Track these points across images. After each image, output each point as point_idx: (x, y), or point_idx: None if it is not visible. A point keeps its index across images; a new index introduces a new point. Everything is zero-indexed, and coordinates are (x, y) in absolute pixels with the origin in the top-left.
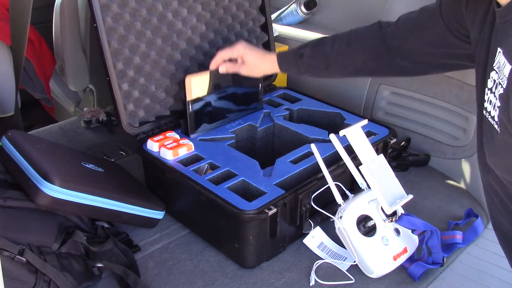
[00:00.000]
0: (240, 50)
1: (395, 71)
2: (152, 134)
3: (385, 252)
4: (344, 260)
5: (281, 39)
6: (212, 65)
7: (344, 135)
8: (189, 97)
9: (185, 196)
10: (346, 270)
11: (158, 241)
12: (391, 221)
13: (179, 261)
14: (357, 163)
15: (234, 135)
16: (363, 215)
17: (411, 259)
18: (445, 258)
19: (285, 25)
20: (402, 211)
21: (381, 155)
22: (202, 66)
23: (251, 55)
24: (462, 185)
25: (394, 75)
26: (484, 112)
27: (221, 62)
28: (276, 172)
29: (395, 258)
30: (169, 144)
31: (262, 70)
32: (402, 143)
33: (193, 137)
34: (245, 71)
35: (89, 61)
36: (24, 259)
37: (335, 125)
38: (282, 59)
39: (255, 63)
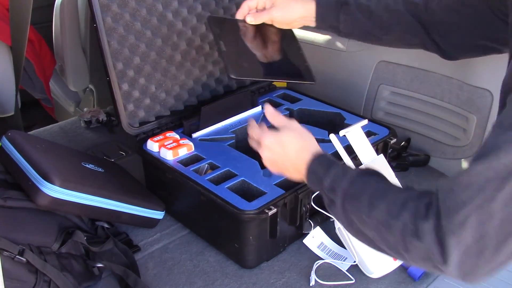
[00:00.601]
0: None
1: (430, 47)
2: (152, 134)
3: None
4: (344, 260)
5: None
6: (239, 16)
7: (344, 135)
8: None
9: (185, 196)
10: (346, 270)
11: (158, 241)
12: None
13: (179, 261)
14: (357, 163)
15: (234, 135)
16: None
17: None
18: None
19: None
20: None
21: (381, 155)
22: (203, 66)
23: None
24: None
25: (429, 50)
26: None
27: (247, 11)
28: None
29: (395, 258)
30: (169, 144)
31: (294, 12)
32: (402, 143)
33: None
34: (276, 13)
35: (89, 61)
36: (24, 259)
37: (335, 125)
38: (321, 4)
39: (288, 1)
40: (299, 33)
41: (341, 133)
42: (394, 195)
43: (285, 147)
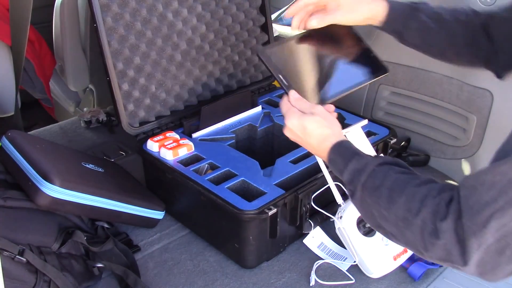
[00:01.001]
0: None
1: (492, 63)
2: (152, 134)
3: (385, 252)
4: (344, 260)
5: (281, 39)
6: (294, 24)
7: (344, 135)
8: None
9: (185, 196)
10: (346, 270)
11: (158, 241)
12: None
13: (179, 261)
14: None
15: (234, 135)
16: None
17: (411, 259)
18: None
19: (285, 25)
20: None
21: (381, 155)
22: (203, 66)
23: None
24: None
25: (489, 68)
26: None
27: (305, 15)
28: (276, 172)
29: (395, 258)
30: (169, 144)
31: (361, 14)
32: (402, 143)
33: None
34: (342, 16)
35: (89, 61)
36: (24, 259)
37: None
38: (391, 6)
39: (354, 2)
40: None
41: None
42: (413, 189)
43: (307, 134)
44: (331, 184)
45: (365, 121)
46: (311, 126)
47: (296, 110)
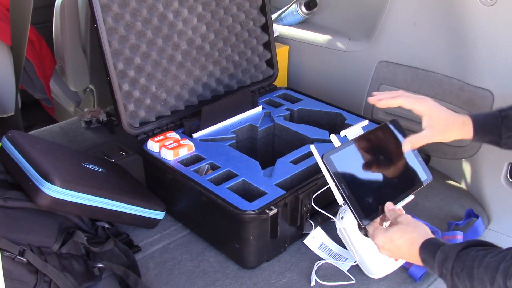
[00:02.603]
0: (425, 105)
1: None
2: (152, 134)
3: None
4: (344, 261)
5: (282, 39)
6: (381, 103)
7: (345, 136)
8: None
9: (186, 197)
10: (347, 271)
11: (159, 241)
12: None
13: (180, 262)
14: None
15: (234, 135)
16: None
17: None
18: None
19: (285, 25)
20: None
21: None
22: (203, 66)
23: (439, 112)
24: (462, 185)
25: None
26: None
27: (390, 102)
28: (276, 172)
29: (396, 259)
30: (170, 144)
31: (453, 135)
32: None
33: None
34: (433, 137)
35: (89, 61)
36: (24, 260)
37: (336, 125)
38: (479, 122)
39: (445, 123)
40: (299, 33)
41: (342, 133)
42: (489, 261)
43: (396, 245)
44: (331, 184)
45: (366, 122)
46: (397, 236)
47: (380, 227)
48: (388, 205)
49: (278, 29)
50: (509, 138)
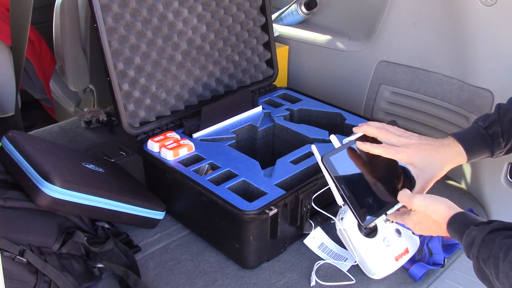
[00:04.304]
0: (404, 154)
1: None
2: (152, 134)
3: (386, 253)
4: (344, 261)
5: (282, 39)
6: (361, 147)
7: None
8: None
9: (186, 197)
10: (347, 271)
11: (159, 241)
12: (392, 222)
13: (180, 262)
14: None
15: (234, 135)
16: None
17: (412, 260)
18: (446, 259)
19: (285, 25)
20: None
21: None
22: (203, 67)
23: (422, 160)
24: (462, 185)
25: None
26: None
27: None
28: (276, 173)
29: (397, 259)
30: (170, 144)
31: (442, 172)
32: None
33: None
34: (430, 181)
35: (89, 61)
36: (24, 260)
37: (336, 125)
38: (469, 147)
39: (432, 168)
40: (299, 33)
41: (344, 141)
42: None
43: (425, 226)
44: (332, 185)
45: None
46: (421, 219)
47: (405, 214)
48: (402, 195)
49: (278, 29)
50: (500, 153)
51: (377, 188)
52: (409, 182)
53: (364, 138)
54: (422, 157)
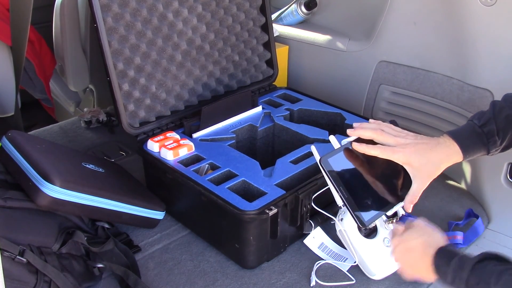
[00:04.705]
0: (400, 154)
1: None
2: (152, 134)
3: (387, 254)
4: (344, 261)
5: (282, 39)
6: (357, 148)
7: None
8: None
9: (186, 197)
10: (347, 271)
11: (159, 241)
12: (392, 222)
13: (180, 262)
14: None
15: (234, 135)
16: None
17: None
18: None
19: (285, 25)
20: (403, 212)
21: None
22: (203, 67)
23: (418, 158)
24: (462, 185)
25: None
26: None
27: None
28: (276, 173)
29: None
30: (170, 144)
31: (438, 171)
32: None
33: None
34: (420, 185)
35: (89, 61)
36: (24, 260)
37: (336, 125)
38: (465, 146)
39: (428, 166)
40: (299, 33)
41: (343, 142)
42: (508, 278)
43: (410, 246)
44: (331, 187)
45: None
46: (413, 236)
47: (399, 229)
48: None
49: (278, 29)
50: (496, 151)
51: (376, 188)
52: (406, 181)
53: (361, 138)
54: (419, 157)
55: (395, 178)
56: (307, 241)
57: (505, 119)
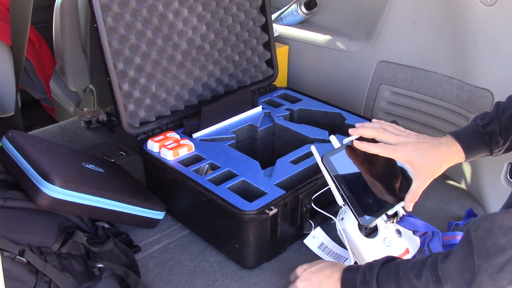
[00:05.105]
0: (401, 153)
1: None
2: (152, 134)
3: (387, 254)
4: (344, 261)
5: (282, 39)
6: (360, 145)
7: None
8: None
9: (186, 197)
10: None
11: (159, 241)
12: (393, 222)
13: (180, 262)
14: None
15: (234, 135)
16: None
17: None
18: None
19: (285, 25)
20: (403, 212)
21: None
22: (203, 66)
23: (420, 157)
24: (462, 185)
25: None
26: None
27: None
28: (276, 173)
29: None
30: (170, 144)
31: (439, 172)
32: None
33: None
34: (421, 184)
35: (89, 61)
36: (24, 260)
37: (336, 125)
38: (468, 146)
39: (429, 166)
40: (299, 33)
41: (344, 141)
42: (415, 260)
43: (317, 269)
44: (332, 185)
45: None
46: (316, 268)
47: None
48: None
49: (278, 29)
50: (499, 151)
51: (377, 188)
52: (406, 181)
53: (363, 137)
54: (420, 156)
55: (396, 177)
56: (307, 241)
57: (509, 119)
